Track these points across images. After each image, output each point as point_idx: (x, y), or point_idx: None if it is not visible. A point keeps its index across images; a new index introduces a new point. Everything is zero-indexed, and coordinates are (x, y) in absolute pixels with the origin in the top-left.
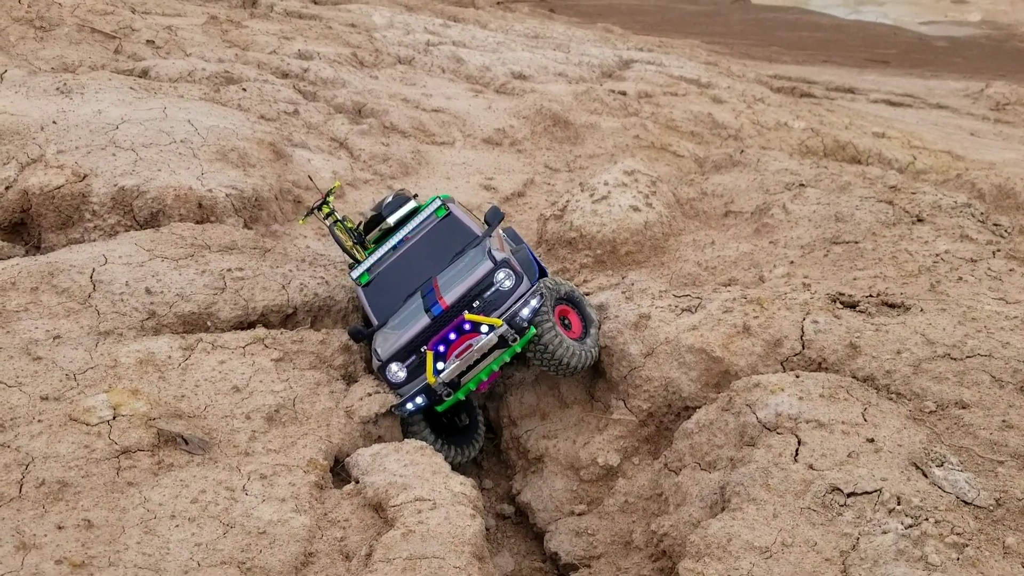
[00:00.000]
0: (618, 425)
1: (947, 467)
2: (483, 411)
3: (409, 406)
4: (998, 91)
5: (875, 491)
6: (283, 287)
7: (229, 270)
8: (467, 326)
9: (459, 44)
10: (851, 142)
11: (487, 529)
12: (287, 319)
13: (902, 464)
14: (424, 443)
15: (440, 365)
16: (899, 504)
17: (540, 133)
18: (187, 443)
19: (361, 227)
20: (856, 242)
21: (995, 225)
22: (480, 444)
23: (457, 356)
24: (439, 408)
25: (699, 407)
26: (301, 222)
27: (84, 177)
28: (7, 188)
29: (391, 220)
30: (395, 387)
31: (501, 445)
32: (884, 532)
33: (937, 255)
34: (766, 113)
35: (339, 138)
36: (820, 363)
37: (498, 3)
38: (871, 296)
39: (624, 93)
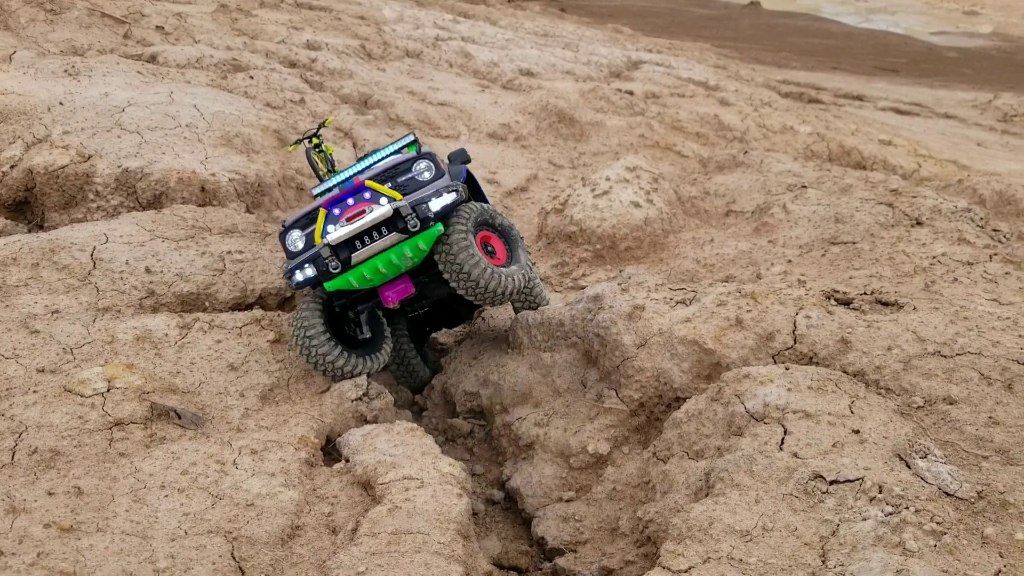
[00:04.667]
0: (609, 414)
1: (930, 459)
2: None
3: (298, 276)
4: (1006, 103)
5: (857, 480)
6: (280, 271)
7: (229, 252)
8: (367, 194)
9: (468, 40)
10: (856, 148)
11: (476, 513)
12: (285, 302)
13: (886, 455)
14: (415, 424)
15: (331, 228)
16: (880, 493)
17: (545, 129)
18: (180, 417)
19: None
20: (854, 243)
21: (994, 230)
22: (386, 358)
23: (348, 221)
24: (328, 286)
25: (690, 398)
26: (291, 149)
27: (89, 158)
28: (12, 167)
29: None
30: (292, 256)
31: (492, 431)
32: (864, 519)
33: (934, 257)
34: (772, 117)
35: (344, 128)
36: (811, 357)
37: (509, 1)
38: (865, 294)
39: (631, 93)
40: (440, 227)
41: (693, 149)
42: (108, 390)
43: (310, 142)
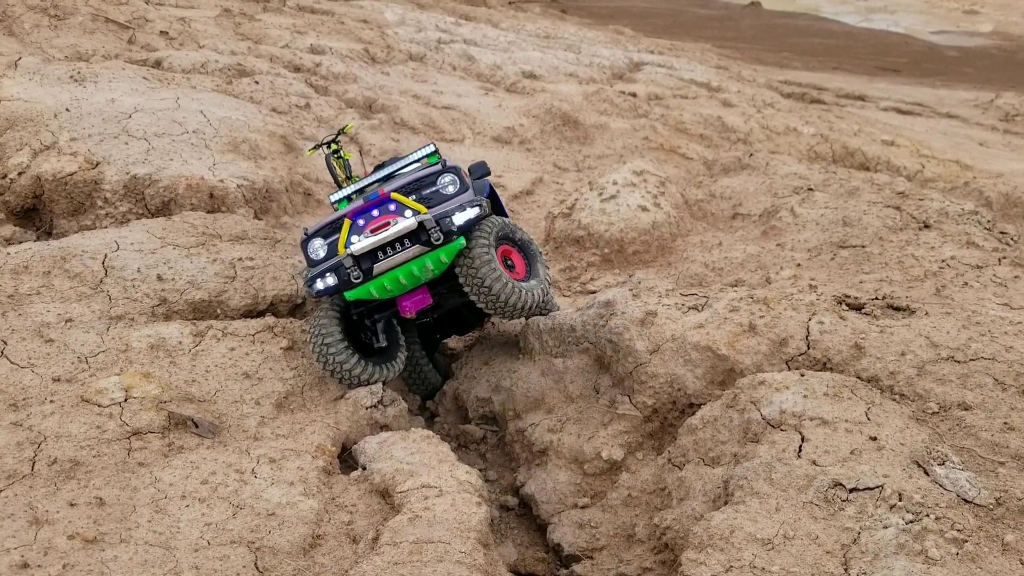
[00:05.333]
0: (623, 420)
1: (948, 466)
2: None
3: (319, 284)
4: (1008, 102)
5: (877, 487)
6: (292, 277)
7: (240, 259)
8: (392, 206)
9: (470, 42)
10: (860, 149)
11: (491, 520)
12: (295, 309)
13: (904, 462)
14: (430, 432)
15: (355, 238)
16: (900, 500)
17: (550, 132)
18: (197, 426)
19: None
20: (863, 246)
21: (1001, 233)
22: (400, 367)
23: (373, 232)
24: (349, 295)
25: (704, 404)
26: (309, 153)
27: (97, 165)
28: (20, 174)
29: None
30: (313, 265)
31: (505, 437)
32: (885, 527)
33: (943, 261)
34: (776, 118)
35: (350, 133)
36: (825, 363)
37: (510, 3)
38: (877, 299)
39: (634, 95)
40: (462, 241)
41: (697, 151)
42: (125, 399)
43: (328, 148)
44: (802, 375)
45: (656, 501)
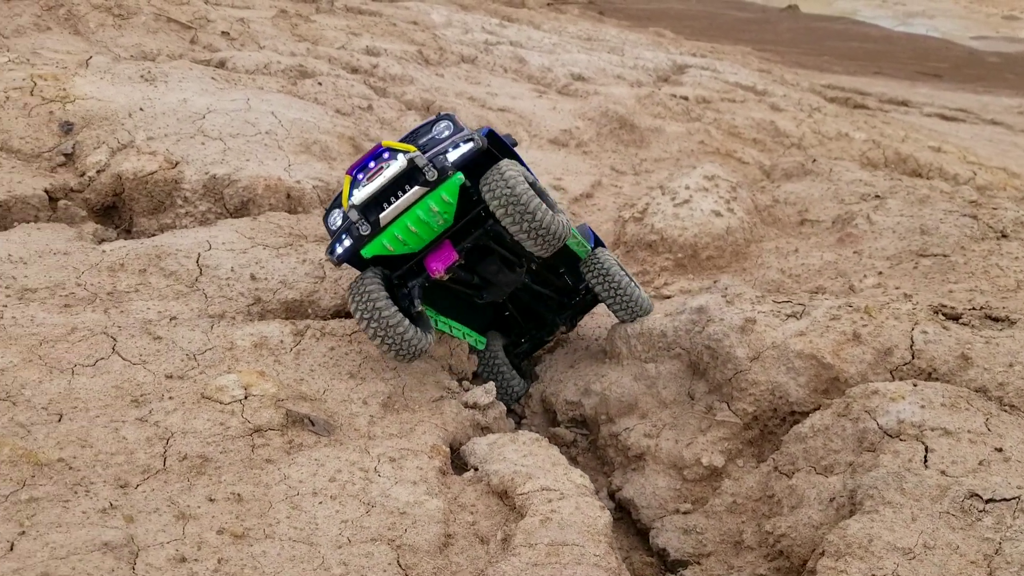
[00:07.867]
0: (721, 427)
1: None
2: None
3: (338, 249)
4: None
5: (1014, 498)
6: None
7: (326, 260)
8: (385, 154)
9: (516, 44)
10: (912, 155)
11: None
12: None
13: None
14: (538, 435)
15: (355, 192)
16: None
17: (605, 135)
18: (314, 424)
19: None
20: (945, 255)
21: None
22: (433, 335)
23: (369, 180)
24: (364, 252)
25: (807, 412)
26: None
27: (176, 164)
28: (99, 172)
29: None
30: (333, 234)
31: (598, 441)
32: None
33: None
34: (826, 123)
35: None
36: (930, 373)
37: (548, 4)
38: (972, 309)
39: (686, 98)
40: (460, 176)
41: (753, 156)
42: (245, 397)
43: None
44: (915, 385)
45: (763, 508)
